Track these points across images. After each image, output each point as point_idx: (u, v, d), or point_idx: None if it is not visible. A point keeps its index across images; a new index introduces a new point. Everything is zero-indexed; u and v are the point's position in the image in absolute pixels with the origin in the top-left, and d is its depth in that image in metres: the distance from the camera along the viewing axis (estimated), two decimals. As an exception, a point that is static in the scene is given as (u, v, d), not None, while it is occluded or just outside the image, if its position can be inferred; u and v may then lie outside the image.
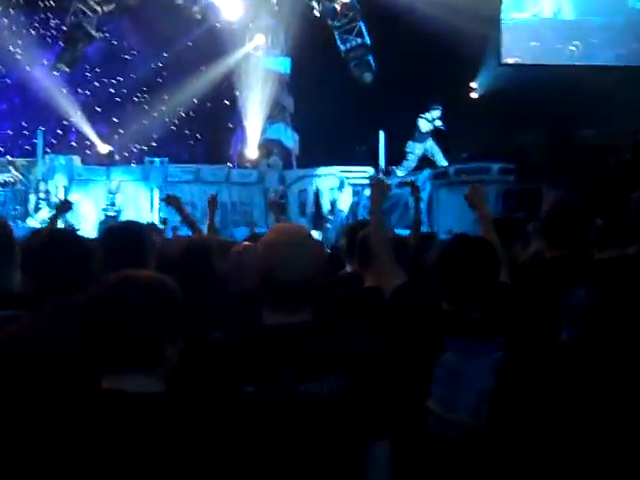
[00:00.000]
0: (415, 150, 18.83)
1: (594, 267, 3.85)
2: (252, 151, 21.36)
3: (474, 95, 17.60)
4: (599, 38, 21.37)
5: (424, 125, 18.64)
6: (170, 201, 6.09)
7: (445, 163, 18.36)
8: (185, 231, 8.46)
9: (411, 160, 18.89)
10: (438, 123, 18.60)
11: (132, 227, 3.74)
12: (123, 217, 16.74)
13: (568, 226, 3.87)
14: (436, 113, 18.59)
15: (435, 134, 18.76)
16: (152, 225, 7.63)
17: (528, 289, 3.74)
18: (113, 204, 18.12)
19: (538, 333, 3.57)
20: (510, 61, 21.17)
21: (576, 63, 21.27)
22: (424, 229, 14.39)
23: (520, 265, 4.36)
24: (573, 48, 21.26)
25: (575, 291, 3.68)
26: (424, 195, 16.67)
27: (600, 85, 20.51)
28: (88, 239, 3.24)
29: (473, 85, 18.05)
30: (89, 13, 20.21)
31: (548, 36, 21.41)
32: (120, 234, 3.62)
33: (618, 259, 4.21)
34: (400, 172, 18.61)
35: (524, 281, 3.81)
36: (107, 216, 17.38)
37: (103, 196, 18.40)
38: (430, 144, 18.78)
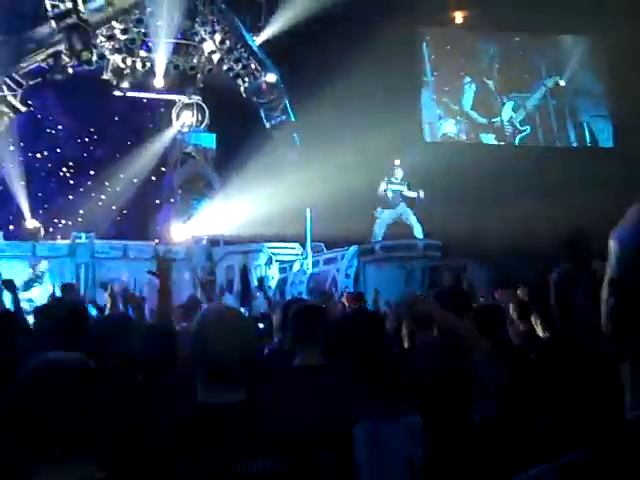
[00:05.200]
0: (382, 215, 17.43)
1: (507, 346, 4.12)
2: (180, 228, 21.26)
3: (399, 173, 17.67)
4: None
5: (381, 187, 17.39)
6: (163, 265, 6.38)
7: (419, 232, 17.14)
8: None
9: (377, 227, 17.42)
10: (394, 187, 17.31)
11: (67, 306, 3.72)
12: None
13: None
14: (399, 173, 17.51)
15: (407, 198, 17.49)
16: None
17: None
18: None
19: (452, 412, 3.75)
20: (431, 140, 21.94)
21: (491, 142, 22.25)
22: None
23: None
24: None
25: (488, 369, 3.89)
26: (351, 271, 16.84)
27: (517, 164, 21.37)
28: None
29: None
30: (14, 86, 20.08)
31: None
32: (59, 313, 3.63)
33: (530, 340, 4.46)
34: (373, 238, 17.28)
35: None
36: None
37: (27, 273, 17.81)
38: (403, 209, 17.42)
